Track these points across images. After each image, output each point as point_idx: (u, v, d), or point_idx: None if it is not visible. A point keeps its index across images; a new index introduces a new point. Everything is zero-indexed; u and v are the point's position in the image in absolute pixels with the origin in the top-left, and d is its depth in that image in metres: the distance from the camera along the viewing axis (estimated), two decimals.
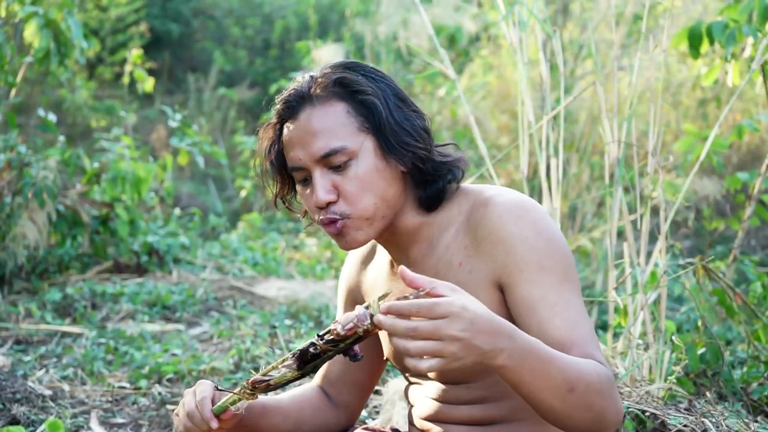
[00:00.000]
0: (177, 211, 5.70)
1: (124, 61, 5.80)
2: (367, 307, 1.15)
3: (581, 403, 1.20)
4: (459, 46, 6.07)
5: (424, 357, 1.10)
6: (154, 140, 7.34)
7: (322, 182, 1.33)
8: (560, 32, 2.21)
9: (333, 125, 1.33)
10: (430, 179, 1.37)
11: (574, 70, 5.20)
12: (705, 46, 2.51)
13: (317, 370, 1.31)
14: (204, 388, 1.37)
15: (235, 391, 1.33)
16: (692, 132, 2.88)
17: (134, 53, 5.20)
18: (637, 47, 2.19)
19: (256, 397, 1.31)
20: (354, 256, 1.59)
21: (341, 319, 1.17)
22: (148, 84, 5.15)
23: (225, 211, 7.43)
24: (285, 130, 1.38)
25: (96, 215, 4.28)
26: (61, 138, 4.49)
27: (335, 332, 1.17)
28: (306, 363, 1.23)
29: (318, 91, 1.35)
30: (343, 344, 1.18)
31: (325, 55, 6.02)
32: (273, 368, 1.27)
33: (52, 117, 4.15)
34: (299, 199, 1.44)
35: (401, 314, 1.10)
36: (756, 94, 4.15)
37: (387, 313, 1.10)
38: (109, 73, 8.85)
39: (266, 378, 1.28)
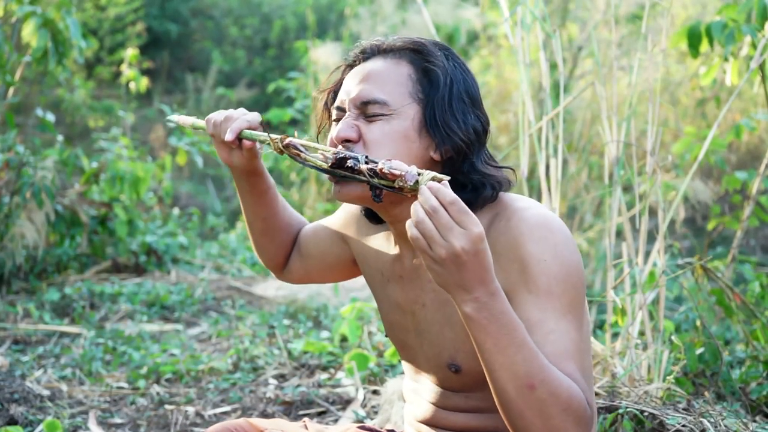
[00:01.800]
0: (175, 210, 5.70)
1: (122, 61, 5.79)
2: (419, 174, 1.16)
3: (537, 407, 1.16)
4: (457, 45, 6.07)
5: (419, 235, 1.13)
6: (152, 140, 7.35)
7: (349, 121, 1.33)
8: (559, 32, 2.21)
9: (387, 78, 1.33)
10: (462, 181, 1.33)
11: (573, 70, 5.20)
12: (704, 46, 2.51)
13: (343, 180, 1.31)
14: (254, 114, 1.42)
15: (272, 135, 1.34)
16: (692, 133, 2.88)
17: (130, 53, 5.20)
18: (637, 47, 2.18)
19: (281, 153, 1.32)
20: (365, 218, 1.54)
21: (392, 162, 1.18)
22: (141, 83, 5.15)
23: (224, 210, 7.43)
24: (348, 73, 1.39)
25: (94, 215, 4.28)
26: (60, 138, 4.49)
27: (379, 168, 1.18)
28: (339, 168, 1.24)
29: (395, 45, 1.36)
30: (376, 180, 1.19)
31: (324, 55, 6.01)
32: (312, 148, 1.28)
33: (50, 117, 4.15)
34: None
35: (438, 197, 1.12)
36: (755, 94, 4.15)
37: (431, 188, 1.12)
38: (108, 73, 8.85)
39: (300, 149, 1.29)
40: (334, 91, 1.42)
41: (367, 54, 1.38)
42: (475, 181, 1.33)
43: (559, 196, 2.19)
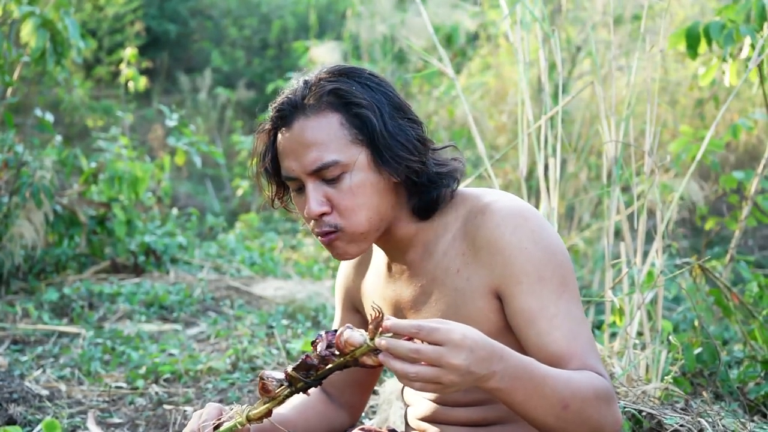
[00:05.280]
0: (174, 211, 5.69)
1: (121, 61, 5.80)
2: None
3: (577, 418, 1.20)
4: (456, 45, 6.07)
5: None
6: (151, 140, 7.35)
7: (315, 195, 1.31)
8: (558, 32, 2.21)
9: (326, 138, 1.30)
10: (424, 189, 1.35)
11: (572, 70, 5.20)
12: (703, 47, 2.51)
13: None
14: (209, 411, 1.36)
15: (235, 420, 1.31)
16: (688, 133, 2.88)
17: (129, 52, 5.20)
18: (635, 47, 2.18)
19: (261, 421, 1.30)
20: (353, 265, 1.59)
21: (344, 335, 1.15)
22: (140, 83, 5.15)
23: (222, 210, 7.43)
24: (279, 137, 1.36)
25: (93, 215, 4.27)
26: (59, 138, 4.48)
27: (336, 345, 1.16)
28: (303, 370, 1.22)
29: (311, 101, 1.32)
30: (343, 359, 1.17)
31: (322, 55, 6.01)
32: (276, 396, 1.26)
33: (49, 117, 4.14)
34: (294, 202, 1.44)
35: (400, 334, 1.10)
36: (753, 94, 4.15)
37: (390, 328, 1.10)
38: (106, 73, 8.85)
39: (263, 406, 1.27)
40: (272, 156, 1.38)
41: (286, 115, 1.33)
42: (436, 181, 1.35)
43: (558, 195, 2.19)
